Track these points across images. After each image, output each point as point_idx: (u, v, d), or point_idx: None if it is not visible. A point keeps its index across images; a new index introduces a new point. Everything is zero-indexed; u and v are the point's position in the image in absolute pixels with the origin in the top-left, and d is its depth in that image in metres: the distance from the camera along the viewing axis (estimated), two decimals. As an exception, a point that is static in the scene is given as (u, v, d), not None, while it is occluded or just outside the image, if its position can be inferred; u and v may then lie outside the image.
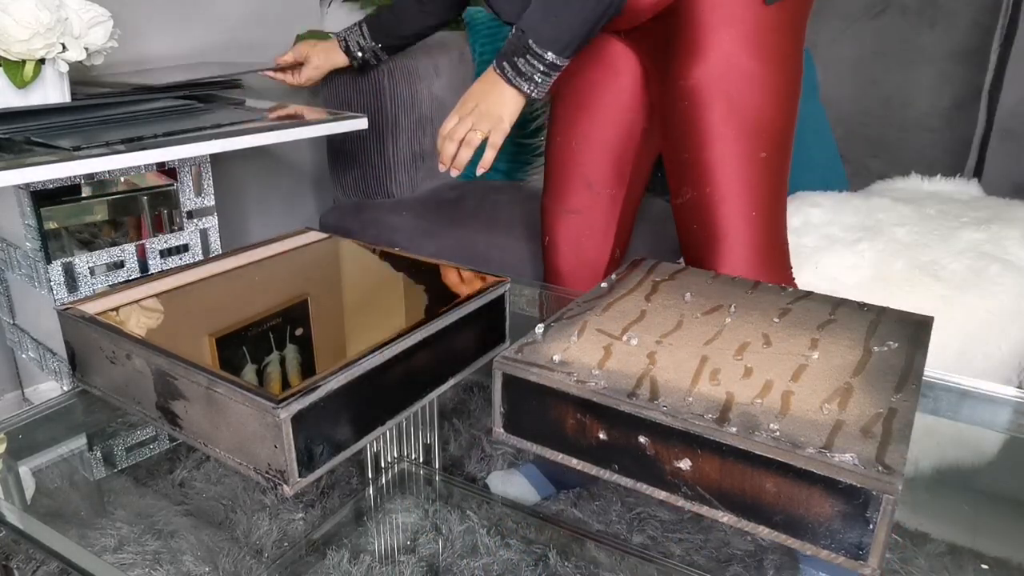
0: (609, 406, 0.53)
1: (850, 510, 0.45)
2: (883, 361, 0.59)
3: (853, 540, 0.46)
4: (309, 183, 1.97)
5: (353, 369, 0.58)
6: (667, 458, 0.51)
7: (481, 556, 0.58)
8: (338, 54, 1.28)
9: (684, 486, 0.51)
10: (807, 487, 0.46)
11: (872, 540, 0.45)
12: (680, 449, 0.51)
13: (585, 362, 0.57)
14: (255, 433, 0.55)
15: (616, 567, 0.57)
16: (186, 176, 1.17)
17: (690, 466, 0.51)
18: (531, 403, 0.57)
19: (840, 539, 0.46)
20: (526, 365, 0.56)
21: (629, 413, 0.52)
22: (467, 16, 1.67)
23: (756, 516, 0.49)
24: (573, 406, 0.55)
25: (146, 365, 0.62)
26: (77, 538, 0.60)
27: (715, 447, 0.49)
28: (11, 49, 0.96)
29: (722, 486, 0.50)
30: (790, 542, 0.48)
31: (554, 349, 0.59)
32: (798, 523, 0.48)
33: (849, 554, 0.46)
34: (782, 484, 0.47)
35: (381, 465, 0.69)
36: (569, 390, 0.54)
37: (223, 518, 0.63)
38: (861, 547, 0.46)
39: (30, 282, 1.12)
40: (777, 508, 0.48)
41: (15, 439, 0.72)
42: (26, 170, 0.87)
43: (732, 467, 0.49)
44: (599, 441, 0.54)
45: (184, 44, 1.59)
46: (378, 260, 0.84)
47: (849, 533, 0.46)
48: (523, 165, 1.63)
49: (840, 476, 0.45)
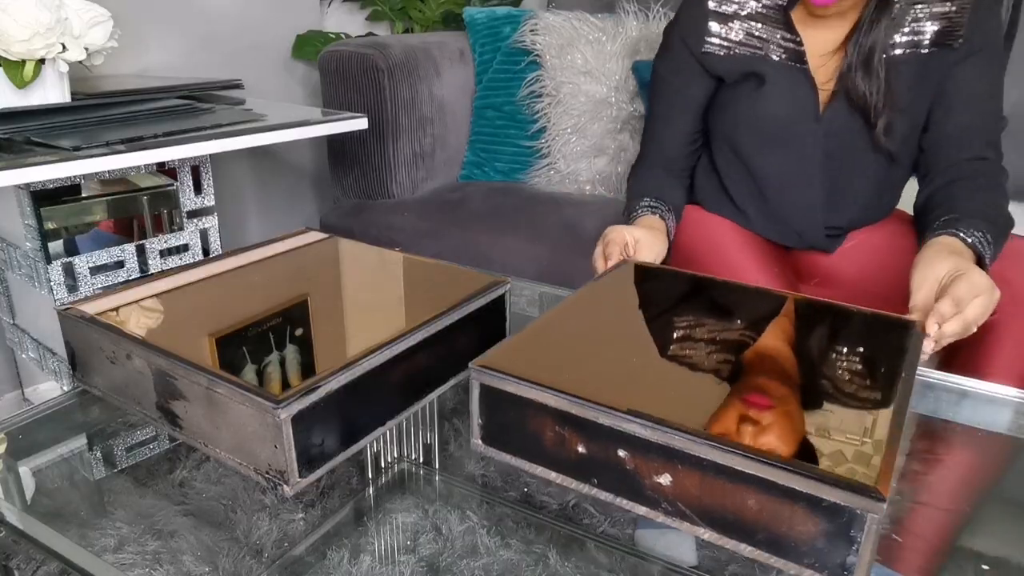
0: (587, 419, 0.51)
1: (834, 529, 0.44)
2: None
3: (837, 560, 0.44)
4: (309, 183, 1.97)
5: (353, 369, 0.58)
6: (647, 472, 0.50)
7: (481, 556, 0.58)
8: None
9: (664, 501, 0.50)
10: (790, 505, 0.45)
11: (857, 560, 0.44)
12: (660, 464, 0.49)
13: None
14: (255, 433, 0.55)
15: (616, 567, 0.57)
16: (186, 176, 1.17)
17: (670, 481, 0.49)
18: (509, 414, 0.55)
19: (824, 558, 0.45)
20: (502, 375, 0.55)
21: (608, 426, 0.50)
22: (467, 16, 1.67)
23: (738, 533, 0.48)
24: (551, 418, 0.53)
25: (146, 365, 0.62)
26: (77, 538, 0.60)
27: (695, 462, 0.48)
28: (11, 49, 0.96)
29: (703, 502, 0.48)
30: (772, 560, 0.47)
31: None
32: (781, 541, 0.46)
33: (833, 574, 0.45)
34: (764, 501, 0.46)
35: (381, 465, 0.69)
36: (546, 401, 0.53)
37: (223, 518, 0.63)
38: (845, 567, 0.44)
39: (30, 282, 1.12)
40: (759, 525, 0.47)
41: (15, 439, 0.72)
42: (26, 170, 0.87)
43: (713, 483, 0.47)
44: (578, 455, 0.53)
45: (184, 44, 1.60)
46: (378, 260, 0.84)
47: (833, 553, 0.44)
48: (524, 167, 1.63)
49: (823, 494, 0.44)
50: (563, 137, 1.56)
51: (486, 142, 1.67)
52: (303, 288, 0.76)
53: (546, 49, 1.56)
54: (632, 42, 1.54)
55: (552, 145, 1.58)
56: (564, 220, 1.39)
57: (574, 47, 1.55)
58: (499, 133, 1.65)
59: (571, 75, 1.54)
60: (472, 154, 1.69)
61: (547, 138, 1.58)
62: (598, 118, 1.53)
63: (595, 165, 1.56)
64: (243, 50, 1.70)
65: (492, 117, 1.65)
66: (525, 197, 1.52)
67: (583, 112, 1.54)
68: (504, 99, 1.63)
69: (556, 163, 1.58)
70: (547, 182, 1.60)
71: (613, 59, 1.53)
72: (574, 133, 1.56)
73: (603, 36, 1.55)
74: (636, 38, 1.54)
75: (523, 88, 1.60)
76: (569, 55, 1.55)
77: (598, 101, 1.53)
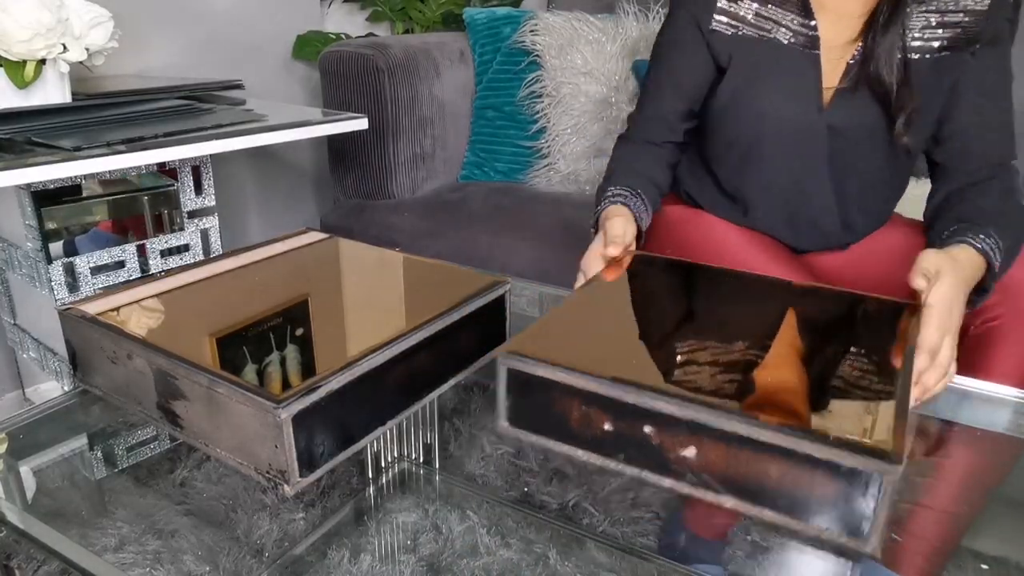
0: (614, 397, 0.53)
1: (852, 492, 0.47)
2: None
3: (854, 521, 0.47)
4: (309, 183, 1.97)
5: (353, 369, 0.58)
6: (672, 446, 0.52)
7: (481, 556, 0.58)
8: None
9: (689, 473, 0.52)
10: (810, 471, 0.48)
11: (873, 520, 0.47)
12: (684, 437, 0.52)
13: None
14: (256, 433, 0.55)
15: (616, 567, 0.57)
16: (186, 176, 1.18)
17: (695, 454, 0.52)
18: (535, 397, 0.57)
19: (842, 520, 0.48)
20: (530, 359, 0.57)
21: (634, 404, 0.53)
22: (467, 16, 1.67)
23: (760, 500, 0.50)
24: (578, 399, 0.55)
25: (147, 365, 0.62)
26: (77, 538, 0.60)
27: (719, 434, 0.50)
28: (12, 49, 0.96)
29: (726, 472, 0.51)
30: (793, 523, 0.49)
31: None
32: (801, 506, 0.49)
33: (850, 534, 0.48)
34: (786, 469, 0.49)
35: (381, 465, 0.69)
36: (574, 383, 0.55)
37: (223, 518, 0.63)
38: (862, 527, 0.47)
39: (31, 282, 1.12)
40: (781, 492, 0.49)
41: (16, 439, 0.72)
42: (27, 170, 0.87)
43: (736, 453, 0.50)
44: (604, 432, 0.55)
45: (184, 44, 1.60)
46: (379, 260, 0.85)
47: (851, 514, 0.47)
48: (524, 167, 1.64)
49: (843, 460, 0.46)
50: (563, 137, 1.57)
51: (486, 142, 1.67)
52: (303, 288, 0.76)
53: (546, 49, 1.57)
54: (632, 42, 1.54)
55: (552, 145, 1.58)
56: (564, 220, 1.39)
57: (574, 47, 1.55)
58: (499, 133, 1.65)
59: (571, 75, 1.54)
60: (472, 154, 1.69)
61: (547, 138, 1.59)
62: (598, 118, 1.54)
63: (595, 165, 1.56)
64: (243, 50, 1.70)
65: (492, 117, 1.65)
66: (525, 197, 1.52)
67: (583, 112, 1.54)
68: (504, 99, 1.63)
69: (556, 163, 1.58)
70: (547, 182, 1.60)
71: (613, 59, 1.53)
72: (574, 133, 1.56)
73: (603, 36, 1.55)
74: (636, 38, 1.54)
75: (523, 88, 1.60)
76: (569, 55, 1.55)
77: (598, 101, 1.53)
